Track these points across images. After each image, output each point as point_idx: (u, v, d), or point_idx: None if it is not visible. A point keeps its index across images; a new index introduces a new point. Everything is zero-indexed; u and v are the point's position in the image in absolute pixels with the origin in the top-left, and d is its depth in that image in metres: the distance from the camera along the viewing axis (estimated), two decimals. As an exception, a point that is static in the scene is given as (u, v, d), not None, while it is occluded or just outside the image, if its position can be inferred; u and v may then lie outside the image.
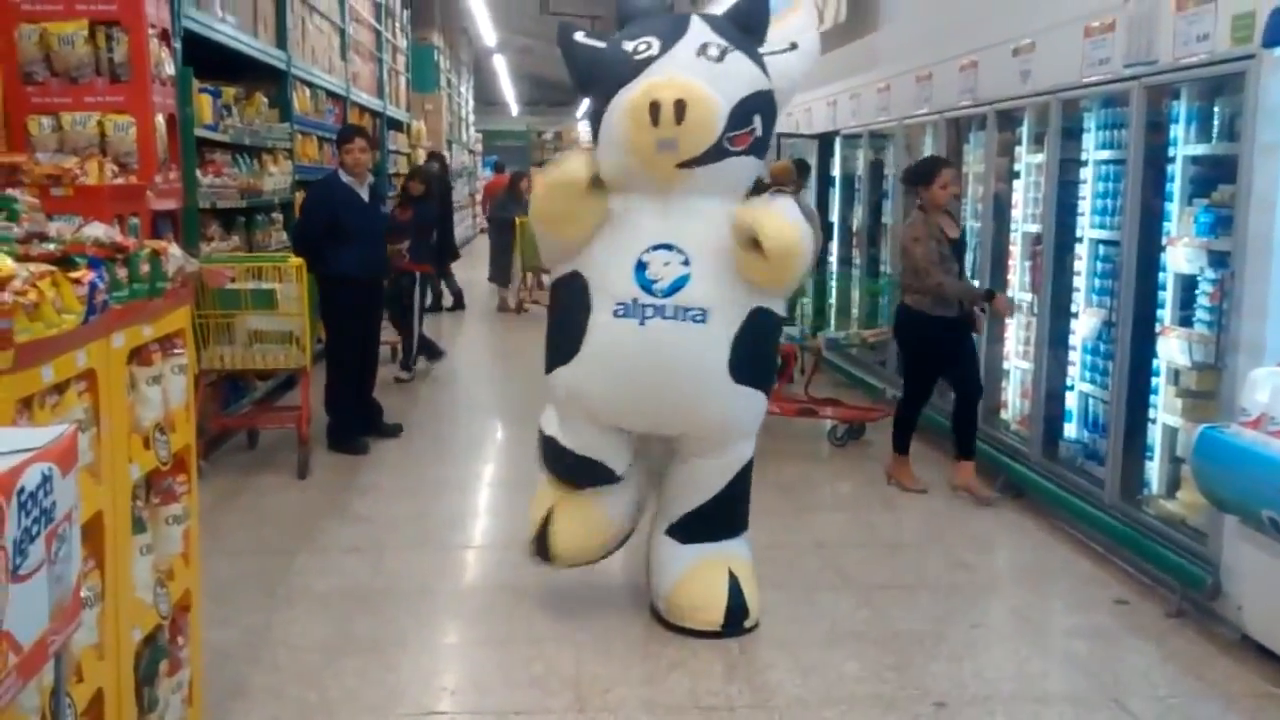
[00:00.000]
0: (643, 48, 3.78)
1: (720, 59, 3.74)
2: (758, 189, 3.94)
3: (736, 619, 4.05)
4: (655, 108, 3.54)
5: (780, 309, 4.04)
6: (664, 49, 3.75)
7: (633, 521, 4.24)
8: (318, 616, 4.24)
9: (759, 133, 3.81)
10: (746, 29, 3.92)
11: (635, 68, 3.73)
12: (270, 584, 4.53)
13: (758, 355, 3.92)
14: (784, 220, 3.68)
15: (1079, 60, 5.25)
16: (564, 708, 3.54)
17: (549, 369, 4.02)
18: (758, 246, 3.62)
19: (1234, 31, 4.13)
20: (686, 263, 3.72)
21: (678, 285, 3.71)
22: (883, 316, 8.46)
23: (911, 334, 6.05)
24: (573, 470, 4.07)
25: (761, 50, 3.89)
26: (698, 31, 3.81)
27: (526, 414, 7.15)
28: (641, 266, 3.72)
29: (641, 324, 3.73)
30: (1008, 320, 6.23)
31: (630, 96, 3.64)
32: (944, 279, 5.70)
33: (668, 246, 3.73)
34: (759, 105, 3.79)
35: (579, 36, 3.97)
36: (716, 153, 3.69)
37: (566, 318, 3.91)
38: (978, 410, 5.97)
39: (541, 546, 4.14)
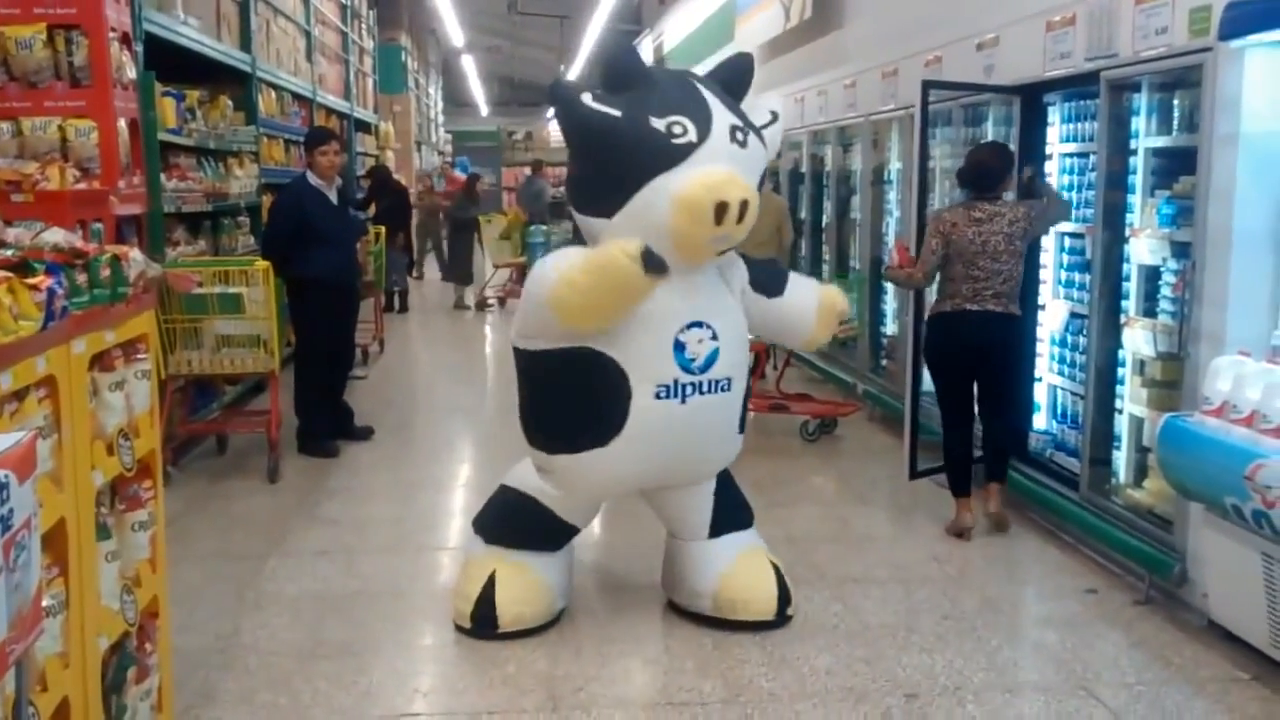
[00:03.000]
0: (678, 130, 3.64)
1: (745, 145, 3.76)
2: None
3: (782, 607, 4.13)
4: (723, 208, 3.50)
5: None
6: (701, 135, 3.65)
7: (564, 596, 4.20)
8: (289, 620, 4.22)
9: None
10: (732, 91, 3.92)
11: (674, 153, 3.62)
12: (240, 589, 4.51)
13: (747, 403, 4.14)
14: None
15: (1041, 54, 5.29)
16: (536, 707, 3.54)
17: (568, 450, 3.87)
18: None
19: (1191, 24, 4.17)
20: (715, 337, 3.81)
21: (711, 360, 3.80)
22: (851, 312, 8.49)
23: (1021, 347, 5.37)
24: (541, 532, 4.08)
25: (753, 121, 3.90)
26: (720, 112, 3.74)
27: (496, 415, 7.15)
28: (680, 346, 3.76)
29: (683, 402, 3.79)
30: None
31: (690, 192, 3.54)
32: None
33: (699, 324, 3.78)
34: (762, 182, 3.91)
35: (588, 100, 3.70)
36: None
37: (594, 400, 3.79)
38: None
39: (486, 615, 3.98)
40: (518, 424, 4.10)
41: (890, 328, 7.89)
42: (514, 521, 4.12)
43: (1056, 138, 5.64)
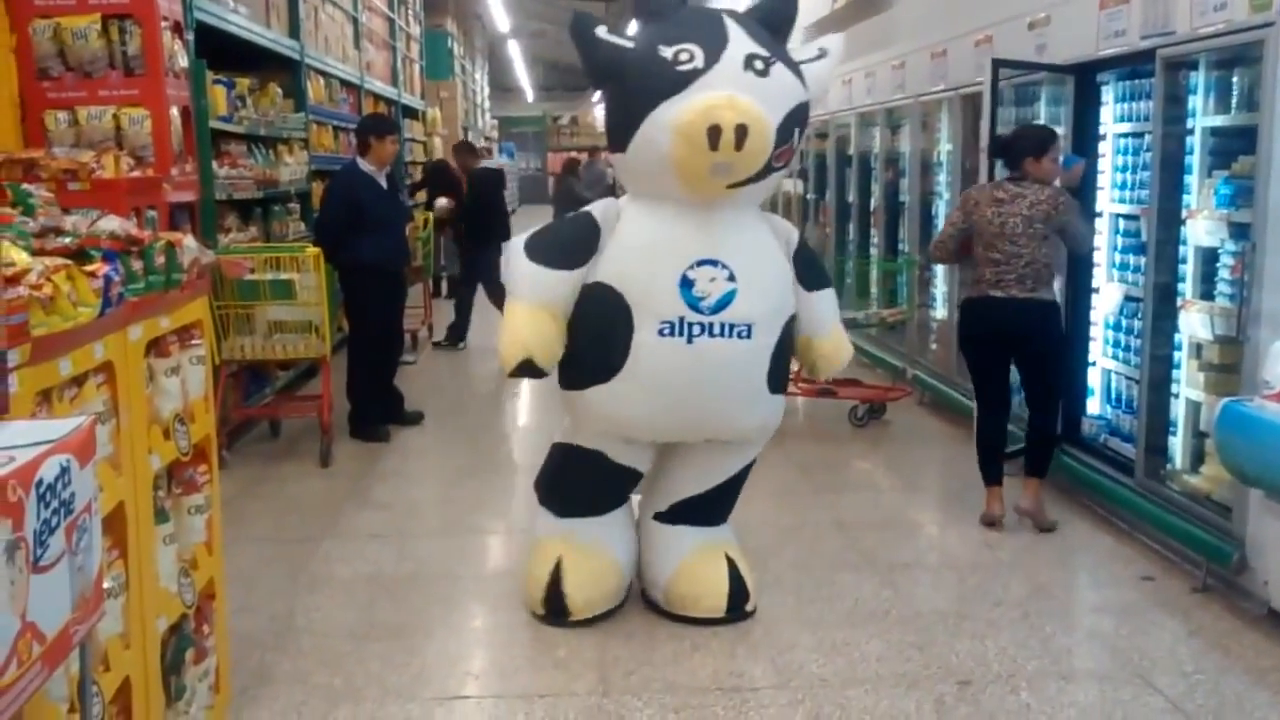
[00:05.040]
0: (684, 57, 3.51)
1: (765, 73, 3.54)
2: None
3: (738, 604, 4.02)
4: (715, 132, 3.35)
5: None
6: (709, 61, 3.50)
7: (632, 570, 4.16)
8: (342, 602, 4.27)
9: (795, 145, 3.71)
10: (774, 29, 3.75)
11: (677, 80, 3.49)
12: (294, 571, 4.57)
13: (786, 363, 3.96)
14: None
15: (1095, 32, 5.19)
16: (588, 690, 3.56)
17: (576, 385, 3.85)
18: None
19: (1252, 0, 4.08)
20: (732, 278, 3.60)
21: (725, 301, 3.60)
22: (900, 296, 8.42)
23: (1058, 331, 5.15)
24: (600, 478, 4.01)
25: (796, 58, 3.75)
26: (739, 40, 3.57)
27: (547, 400, 7.17)
28: (687, 283, 3.59)
29: (689, 342, 3.62)
30: None
31: (684, 117, 3.41)
32: None
33: (712, 262, 3.59)
34: (799, 119, 3.67)
35: (601, 33, 3.68)
36: (764, 171, 3.58)
37: (599, 334, 3.72)
38: None
39: (556, 602, 3.96)
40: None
41: (940, 311, 7.81)
42: (565, 477, 4.10)
43: (1110, 117, 5.53)
